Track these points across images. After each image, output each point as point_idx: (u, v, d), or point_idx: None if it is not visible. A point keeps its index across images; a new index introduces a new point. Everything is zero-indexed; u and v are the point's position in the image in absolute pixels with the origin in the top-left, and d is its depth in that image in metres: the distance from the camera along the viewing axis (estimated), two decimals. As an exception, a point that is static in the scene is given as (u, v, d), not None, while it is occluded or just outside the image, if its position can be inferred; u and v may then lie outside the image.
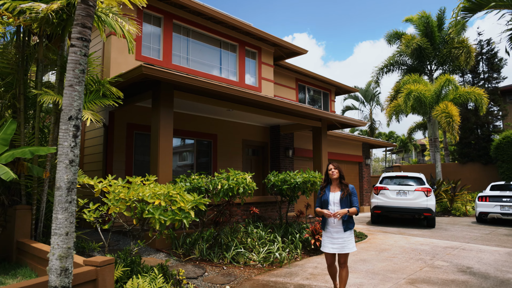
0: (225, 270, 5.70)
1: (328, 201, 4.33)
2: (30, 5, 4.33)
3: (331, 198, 4.33)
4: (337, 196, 4.30)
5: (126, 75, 6.26)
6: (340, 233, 4.22)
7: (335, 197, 4.30)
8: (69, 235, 2.77)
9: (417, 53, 20.01)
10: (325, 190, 4.41)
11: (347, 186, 4.35)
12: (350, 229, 4.25)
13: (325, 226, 4.33)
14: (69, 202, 2.77)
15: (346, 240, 4.21)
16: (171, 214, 4.27)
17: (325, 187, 4.45)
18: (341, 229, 4.22)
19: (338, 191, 4.34)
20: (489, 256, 6.83)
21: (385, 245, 7.83)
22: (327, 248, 4.27)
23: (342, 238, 4.21)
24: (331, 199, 4.32)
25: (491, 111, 20.74)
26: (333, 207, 4.28)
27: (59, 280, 2.71)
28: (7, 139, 4.77)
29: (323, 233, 4.40)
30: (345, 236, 4.21)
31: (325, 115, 10.38)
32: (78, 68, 2.79)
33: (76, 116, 2.78)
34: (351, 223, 4.27)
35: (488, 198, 11.70)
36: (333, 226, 4.25)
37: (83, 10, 2.81)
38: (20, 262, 5.22)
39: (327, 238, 4.30)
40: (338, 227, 4.23)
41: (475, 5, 5.54)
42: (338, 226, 4.23)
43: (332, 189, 4.40)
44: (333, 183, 4.42)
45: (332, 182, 4.43)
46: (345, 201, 4.25)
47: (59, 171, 2.77)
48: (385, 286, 4.94)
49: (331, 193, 4.36)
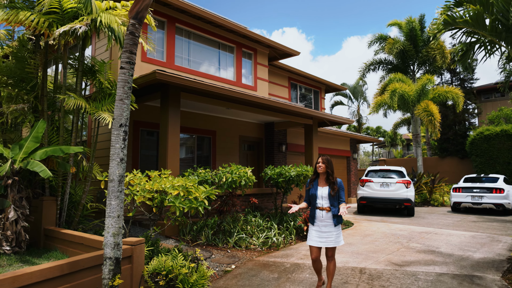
0: (229, 253, 6.51)
1: (316, 195, 4.29)
2: (70, 26, 4.98)
3: (319, 192, 4.29)
4: (325, 190, 4.26)
5: (141, 79, 6.95)
6: (329, 227, 4.20)
7: (323, 192, 4.27)
8: (119, 217, 3.52)
9: (401, 55, 21.08)
10: (313, 184, 4.37)
11: (335, 181, 4.29)
12: (340, 223, 4.26)
13: (313, 220, 4.30)
14: (120, 191, 3.52)
15: (334, 234, 4.21)
16: (188, 202, 5.04)
17: (314, 180, 4.40)
18: (331, 223, 4.21)
19: (326, 185, 4.30)
20: (456, 238, 7.85)
21: (368, 231, 8.77)
22: (314, 241, 4.24)
23: (331, 232, 4.20)
24: (319, 194, 4.28)
25: (468, 109, 22.06)
26: (321, 201, 4.26)
27: (113, 253, 3.47)
28: (38, 138, 5.42)
29: (310, 227, 4.35)
30: (334, 230, 4.21)
31: (316, 114, 11.22)
32: (126, 85, 3.52)
33: (125, 123, 3.52)
34: (340, 217, 4.26)
35: (461, 190, 12.85)
36: (322, 220, 4.22)
37: (130, 40, 3.53)
38: (48, 247, 5.88)
39: (315, 231, 4.26)
40: (327, 221, 4.21)
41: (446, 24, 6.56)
42: (328, 220, 4.21)
43: (320, 183, 4.35)
44: (321, 177, 4.37)
45: (320, 176, 4.38)
46: (333, 196, 4.23)
47: (111, 167, 3.51)
48: (367, 263, 5.84)
49: (319, 188, 4.32)
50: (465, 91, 21.17)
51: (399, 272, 5.37)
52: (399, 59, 21.66)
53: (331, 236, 4.19)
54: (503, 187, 12.25)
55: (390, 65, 22.53)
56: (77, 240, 4.94)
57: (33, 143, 5.46)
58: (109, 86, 6.62)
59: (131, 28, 3.51)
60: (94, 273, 3.68)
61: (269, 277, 5.17)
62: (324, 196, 4.25)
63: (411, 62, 21.88)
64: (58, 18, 5.67)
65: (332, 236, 4.19)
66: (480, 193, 12.45)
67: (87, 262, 3.58)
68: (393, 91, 17.71)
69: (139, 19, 3.53)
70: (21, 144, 5.22)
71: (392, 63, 22.49)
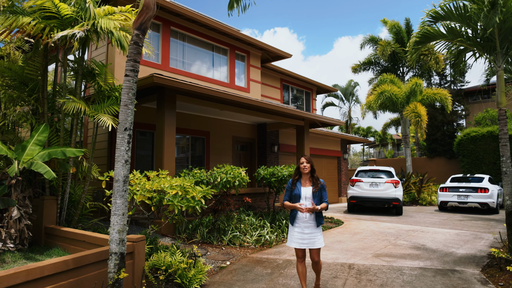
0: (224, 250, 6.77)
1: (300, 195, 4.19)
2: (69, 32, 5.19)
3: (303, 192, 4.20)
4: (309, 190, 4.19)
5: (139, 82, 7.16)
6: (311, 228, 4.12)
7: (307, 192, 4.18)
8: (124, 215, 3.76)
9: (391, 57, 21.56)
10: (297, 184, 4.28)
11: (318, 180, 4.26)
12: (322, 223, 4.20)
13: (294, 221, 4.21)
14: (124, 191, 3.75)
15: (316, 235, 4.13)
16: (186, 201, 5.28)
17: (297, 180, 4.31)
18: (313, 224, 4.13)
19: (309, 185, 4.23)
20: (441, 236, 8.23)
21: (358, 229, 9.10)
22: (296, 243, 4.16)
23: (313, 233, 4.12)
24: (303, 194, 4.19)
25: (456, 110, 22.66)
26: (305, 201, 4.16)
27: (118, 248, 3.71)
28: (42, 141, 5.61)
29: (290, 228, 4.26)
30: (316, 231, 4.14)
31: (307, 115, 11.53)
32: (131, 92, 3.75)
33: (129, 127, 3.75)
34: (322, 218, 4.20)
35: (448, 189, 13.29)
36: (304, 221, 4.15)
37: (135, 49, 3.76)
38: (49, 245, 6.06)
39: (297, 233, 4.16)
40: (310, 222, 4.13)
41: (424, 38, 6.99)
42: (310, 221, 4.13)
43: (303, 183, 4.27)
44: (304, 177, 4.30)
45: (303, 176, 4.31)
46: (317, 196, 4.16)
47: (117, 168, 3.74)
48: (355, 259, 6.15)
49: (303, 188, 4.23)
50: (454, 93, 21.76)
51: (385, 267, 5.69)
52: (390, 61, 22.17)
53: (315, 237, 4.12)
54: (488, 187, 12.71)
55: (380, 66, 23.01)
56: (79, 237, 5.14)
57: (36, 146, 5.62)
58: (107, 88, 6.82)
59: (135, 38, 3.75)
60: (99, 268, 3.91)
61: (262, 272, 5.44)
62: (308, 196, 4.17)
63: (401, 64, 22.40)
64: (59, 23, 5.85)
65: (316, 237, 4.12)
66: (466, 193, 12.91)
67: (92, 258, 3.81)
68: (380, 92, 18.15)
69: (142, 30, 3.76)
70: (23, 145, 5.40)
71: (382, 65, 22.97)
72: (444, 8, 6.76)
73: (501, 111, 6.53)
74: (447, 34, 7.14)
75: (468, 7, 6.67)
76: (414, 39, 7.51)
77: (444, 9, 6.76)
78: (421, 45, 7.19)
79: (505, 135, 6.43)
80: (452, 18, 6.93)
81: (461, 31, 7.03)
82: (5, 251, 4.83)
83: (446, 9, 6.75)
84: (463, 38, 7.03)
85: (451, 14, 6.79)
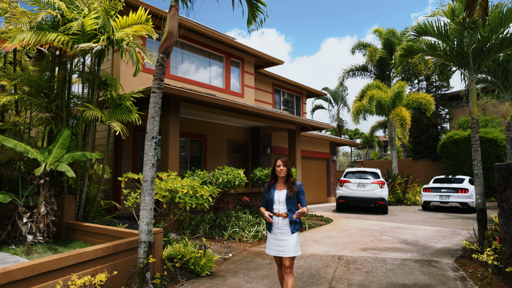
0: (225, 244, 7.46)
1: (273, 200, 3.89)
2: (87, 45, 5.81)
3: (276, 196, 3.90)
4: (283, 194, 3.87)
5: (148, 91, 7.78)
6: (287, 235, 3.80)
7: (281, 196, 3.87)
8: (151, 210, 4.42)
9: (379, 62, 22.52)
10: (271, 189, 3.99)
11: (294, 183, 3.91)
12: (298, 230, 3.86)
13: (270, 228, 3.91)
14: (151, 189, 4.42)
15: (292, 242, 3.78)
16: (195, 199, 5.96)
17: (272, 185, 4.01)
18: (288, 230, 3.81)
19: (284, 189, 3.92)
20: (422, 232, 9.07)
21: (346, 227, 9.90)
22: (273, 251, 3.87)
23: (288, 240, 3.79)
24: (276, 198, 3.89)
25: (440, 114, 23.76)
26: (278, 206, 3.86)
27: (147, 237, 4.37)
28: (65, 144, 6.20)
29: (268, 235, 3.98)
30: (291, 238, 3.79)
31: (299, 120, 12.30)
32: (157, 106, 4.42)
33: (155, 136, 4.42)
34: (298, 224, 3.87)
35: (430, 190, 14.22)
36: (278, 227, 3.84)
37: (160, 70, 4.43)
38: (70, 239, 6.61)
39: (273, 240, 3.88)
40: (284, 228, 3.82)
41: (407, 52, 7.81)
42: (285, 227, 3.82)
43: (278, 186, 3.97)
44: (280, 180, 3.98)
45: (278, 180, 4.00)
46: (292, 200, 3.84)
47: (145, 170, 4.40)
48: (344, 251, 6.92)
49: (277, 191, 3.93)
50: (439, 97, 22.84)
51: (371, 258, 6.47)
52: (377, 66, 23.13)
53: (289, 244, 3.77)
54: (468, 187, 13.64)
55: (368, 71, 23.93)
56: (100, 231, 5.76)
57: (61, 150, 6.19)
58: (117, 97, 7.43)
59: (160, 60, 4.42)
60: (128, 255, 4.57)
61: (262, 262, 6.15)
62: (282, 200, 3.86)
63: (388, 69, 23.40)
64: (79, 38, 6.47)
65: (290, 245, 3.77)
66: (447, 193, 13.82)
67: (124, 246, 4.47)
68: (370, 97, 19.08)
69: (166, 54, 4.44)
70: (49, 149, 5.99)
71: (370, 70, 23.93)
72: (426, 24, 7.62)
73: (473, 120, 7.38)
74: (427, 50, 8.01)
75: (447, 26, 7.54)
76: (399, 52, 8.34)
77: (427, 25, 7.62)
78: (405, 58, 8.02)
79: (477, 141, 7.29)
80: (433, 35, 7.78)
81: (439, 47, 7.89)
82: (36, 243, 5.43)
83: (428, 26, 7.61)
84: (441, 53, 7.89)
85: (432, 30, 7.65)
